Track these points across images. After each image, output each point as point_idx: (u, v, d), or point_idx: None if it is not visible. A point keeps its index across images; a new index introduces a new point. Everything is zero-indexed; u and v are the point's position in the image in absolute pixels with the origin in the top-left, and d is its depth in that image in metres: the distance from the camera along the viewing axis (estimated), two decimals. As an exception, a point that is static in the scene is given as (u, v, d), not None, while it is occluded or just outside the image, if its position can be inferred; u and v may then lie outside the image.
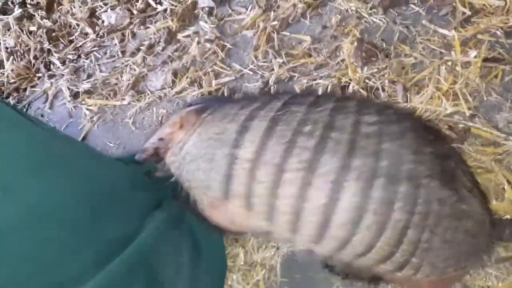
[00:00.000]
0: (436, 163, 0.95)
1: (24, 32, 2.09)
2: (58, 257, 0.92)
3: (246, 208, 1.00)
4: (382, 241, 0.93)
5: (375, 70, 1.59)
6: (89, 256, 1.00)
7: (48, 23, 2.10)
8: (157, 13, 2.01)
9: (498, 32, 1.58)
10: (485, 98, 1.48)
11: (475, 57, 1.54)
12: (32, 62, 2.03)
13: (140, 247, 1.10)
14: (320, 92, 1.15)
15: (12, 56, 2.05)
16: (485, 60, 1.53)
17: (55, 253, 0.92)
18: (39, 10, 2.15)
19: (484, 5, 1.64)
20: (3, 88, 1.99)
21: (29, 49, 2.05)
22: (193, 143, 1.06)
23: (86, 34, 2.05)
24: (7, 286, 0.85)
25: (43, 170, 0.91)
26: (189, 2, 1.96)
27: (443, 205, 0.93)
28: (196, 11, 1.96)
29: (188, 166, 1.07)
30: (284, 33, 1.78)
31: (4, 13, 2.19)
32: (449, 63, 1.55)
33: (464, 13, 1.63)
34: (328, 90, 1.57)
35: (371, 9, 1.73)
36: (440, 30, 1.63)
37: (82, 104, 1.84)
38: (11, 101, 1.95)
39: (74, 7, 2.10)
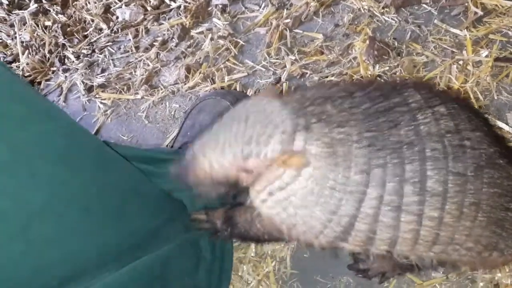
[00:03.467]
0: (492, 137, 0.97)
1: (40, 27, 2.13)
2: (82, 244, 0.94)
3: (362, 246, 0.99)
4: (478, 224, 0.95)
5: (387, 68, 1.61)
6: (112, 246, 1.02)
7: (63, 18, 2.13)
8: (171, 9, 2.04)
9: (510, 32, 1.59)
10: (495, 97, 1.49)
11: (486, 56, 1.55)
12: (47, 56, 2.06)
13: (161, 258, 1.12)
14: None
15: (27, 50, 2.08)
16: (496, 59, 1.54)
17: (79, 241, 0.94)
18: (55, 6, 2.19)
19: (496, 5, 1.66)
20: (18, 81, 2.03)
21: (44, 43, 2.09)
22: (306, 188, 0.92)
23: (101, 29, 2.08)
24: (33, 270, 0.87)
25: (70, 159, 0.93)
26: (202, -1, 1.99)
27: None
28: (209, 8, 1.99)
29: (295, 210, 0.95)
30: (296, 30, 1.80)
31: (20, 8, 2.22)
32: (461, 62, 1.57)
33: (476, 13, 1.65)
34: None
35: (383, 8, 1.75)
36: (452, 30, 1.64)
37: (96, 97, 1.87)
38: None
39: (89, 3, 2.13)
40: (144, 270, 1.08)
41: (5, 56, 2.10)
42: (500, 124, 1.43)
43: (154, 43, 1.95)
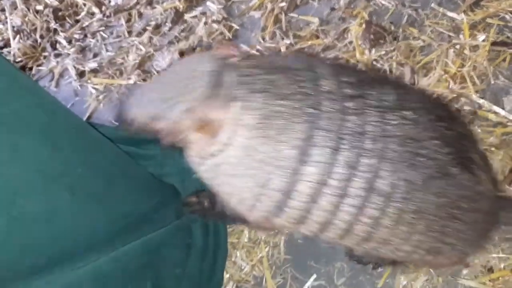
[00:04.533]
0: (456, 146, 0.95)
1: (31, 11, 2.08)
2: (70, 224, 0.93)
3: (295, 224, 0.96)
4: (418, 232, 0.95)
5: (383, 52, 1.59)
6: (100, 229, 1.00)
7: (54, 2, 2.09)
8: (164, -6, 2.01)
9: (507, 16, 1.57)
10: (492, 82, 1.48)
11: (483, 40, 1.53)
12: (38, 41, 2.03)
13: (152, 245, 1.11)
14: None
15: (18, 35, 2.04)
16: (494, 43, 1.52)
17: (67, 219, 0.92)
18: (46, -11, 2.15)
19: (494, -11, 1.63)
20: (9, 66, 2.00)
21: (36, 28, 2.05)
22: (238, 158, 0.90)
23: (93, 13, 2.04)
24: (19, 248, 0.85)
25: (53, 136, 0.91)
26: (196, -17, 1.95)
27: (464, 189, 0.95)
28: (203, -8, 1.95)
29: (229, 179, 0.94)
30: (292, 14, 1.77)
31: (11, -8, 2.18)
32: (457, 46, 1.55)
33: (473, -4, 1.63)
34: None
35: (380, -9, 1.72)
36: (449, 14, 1.62)
37: (88, 83, 1.84)
38: (17, 79, 1.95)
39: (81, -14, 2.09)
40: (134, 256, 1.06)
41: (-5, 41, 2.06)
42: (496, 108, 1.41)
43: (147, 27, 1.92)
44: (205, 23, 1.84)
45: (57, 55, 1.97)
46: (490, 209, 1.03)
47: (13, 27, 2.07)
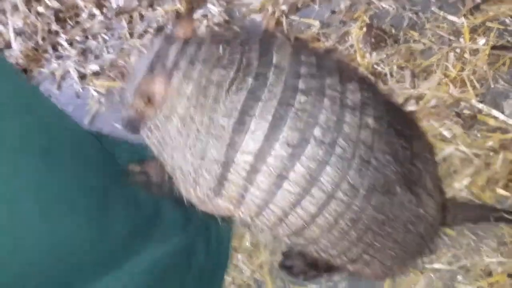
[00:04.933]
0: (406, 166, 0.94)
1: (32, 13, 2.09)
2: (71, 245, 0.93)
3: (235, 206, 0.94)
4: (347, 240, 0.95)
5: (384, 55, 1.59)
6: (101, 247, 1.00)
7: (56, 4, 2.09)
8: (165, -5, 2.01)
9: (507, 20, 1.57)
10: (492, 86, 1.48)
11: (483, 44, 1.54)
12: (39, 43, 2.03)
13: (156, 267, 1.11)
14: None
15: (19, 37, 2.05)
16: (494, 47, 1.52)
17: (69, 237, 0.93)
18: (47, -9, 2.15)
19: (494, -8, 1.64)
20: (10, 68, 2.00)
21: (37, 30, 2.05)
22: (178, 129, 0.90)
23: (94, 15, 2.04)
24: (24, 269, 0.85)
25: (53, 156, 0.91)
26: (197, -15, 1.95)
27: (403, 210, 0.95)
28: (204, -6, 1.95)
29: (171, 151, 0.93)
30: (293, 17, 1.78)
31: (12, -6, 2.18)
32: (458, 50, 1.55)
33: (474, 0, 1.63)
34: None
35: (380, -6, 1.73)
36: (449, 17, 1.62)
37: (90, 85, 1.85)
38: (19, 81, 1.95)
39: (82, -12, 2.09)
40: (138, 275, 1.06)
41: (-3, 42, 2.07)
42: (496, 113, 1.42)
43: (148, 29, 1.93)
44: (207, 26, 1.84)
45: (58, 57, 1.97)
46: (426, 233, 1.03)
47: (14, 28, 2.08)
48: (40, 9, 2.09)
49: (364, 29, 1.64)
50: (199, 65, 0.87)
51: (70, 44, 2.00)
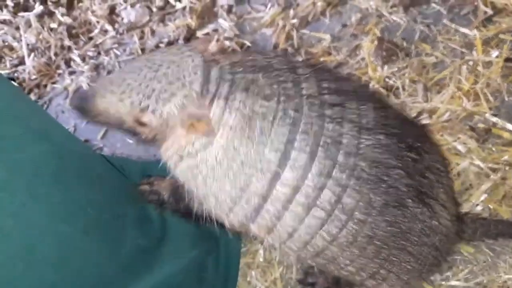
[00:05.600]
0: (417, 179, 0.95)
1: (45, 29, 2.12)
2: (83, 265, 0.93)
3: (266, 232, 0.95)
4: (364, 256, 0.96)
5: (396, 69, 1.59)
6: (112, 266, 1.01)
7: (68, 20, 2.12)
8: (176, 10, 2.03)
9: (521, 32, 1.57)
10: (506, 98, 1.47)
11: (496, 57, 1.53)
12: (52, 59, 2.06)
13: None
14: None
15: (33, 53, 2.08)
16: (507, 60, 1.51)
17: (81, 260, 0.93)
18: (60, 7, 2.17)
19: (506, 4, 1.62)
20: (24, 84, 2.02)
21: (50, 45, 2.08)
22: (218, 159, 0.88)
23: (106, 31, 2.06)
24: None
25: (64, 179, 0.93)
26: (208, 0, 1.97)
27: (417, 222, 0.96)
28: (215, 9, 1.97)
29: (207, 180, 0.91)
30: (303, 31, 1.78)
31: (26, 10, 2.21)
32: (470, 62, 1.54)
33: (486, 12, 1.62)
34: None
35: (391, 7, 1.72)
36: (462, 29, 1.62)
37: (102, 100, 1.86)
38: (32, 97, 1.97)
39: (94, 4, 2.12)
40: None
41: (11, 59, 2.09)
42: (511, 126, 1.41)
43: (159, 44, 1.94)
44: (217, 40, 1.85)
45: (71, 73, 1.99)
46: (441, 245, 1.03)
47: (28, 45, 2.11)
48: (53, 25, 2.12)
49: (375, 42, 1.64)
50: (240, 94, 0.86)
51: (83, 59, 2.02)
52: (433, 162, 1.01)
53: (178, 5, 2.01)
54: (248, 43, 1.82)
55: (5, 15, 2.19)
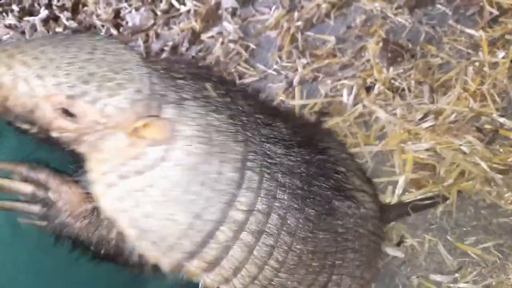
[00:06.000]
0: (332, 177, 0.94)
1: (50, 33, 2.12)
2: None
3: (206, 270, 0.81)
4: (312, 271, 0.92)
5: (401, 70, 1.58)
6: None
7: (73, 24, 2.13)
8: (180, 14, 2.03)
9: (527, 32, 1.56)
10: (513, 99, 1.47)
11: (503, 57, 1.52)
12: (58, 63, 2.06)
13: None
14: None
15: (38, 57, 2.08)
16: (513, 60, 1.51)
17: None
18: (65, 12, 2.18)
19: (512, 4, 1.62)
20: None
21: (55, 49, 2.09)
22: (174, 179, 0.70)
23: (111, 35, 2.07)
24: None
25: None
26: (212, 2, 1.97)
27: (348, 219, 0.96)
28: (219, 12, 1.97)
29: (154, 208, 0.72)
30: (308, 33, 1.78)
31: (31, 15, 2.22)
32: (477, 63, 1.54)
33: (491, 13, 1.62)
34: (353, 91, 1.58)
35: (396, 9, 1.72)
36: (467, 30, 1.61)
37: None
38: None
39: (99, 8, 2.12)
40: None
41: (16, 63, 2.10)
42: (517, 127, 1.40)
43: (164, 47, 1.94)
44: (222, 43, 1.85)
45: (76, 77, 2.00)
46: (375, 228, 1.05)
47: (33, 49, 2.11)
48: (58, 29, 2.12)
49: (381, 44, 1.64)
50: (192, 103, 0.72)
51: (88, 63, 2.02)
52: (338, 153, 1.03)
53: (183, 8, 2.02)
54: (252, 46, 1.82)
55: (10, 19, 2.20)
